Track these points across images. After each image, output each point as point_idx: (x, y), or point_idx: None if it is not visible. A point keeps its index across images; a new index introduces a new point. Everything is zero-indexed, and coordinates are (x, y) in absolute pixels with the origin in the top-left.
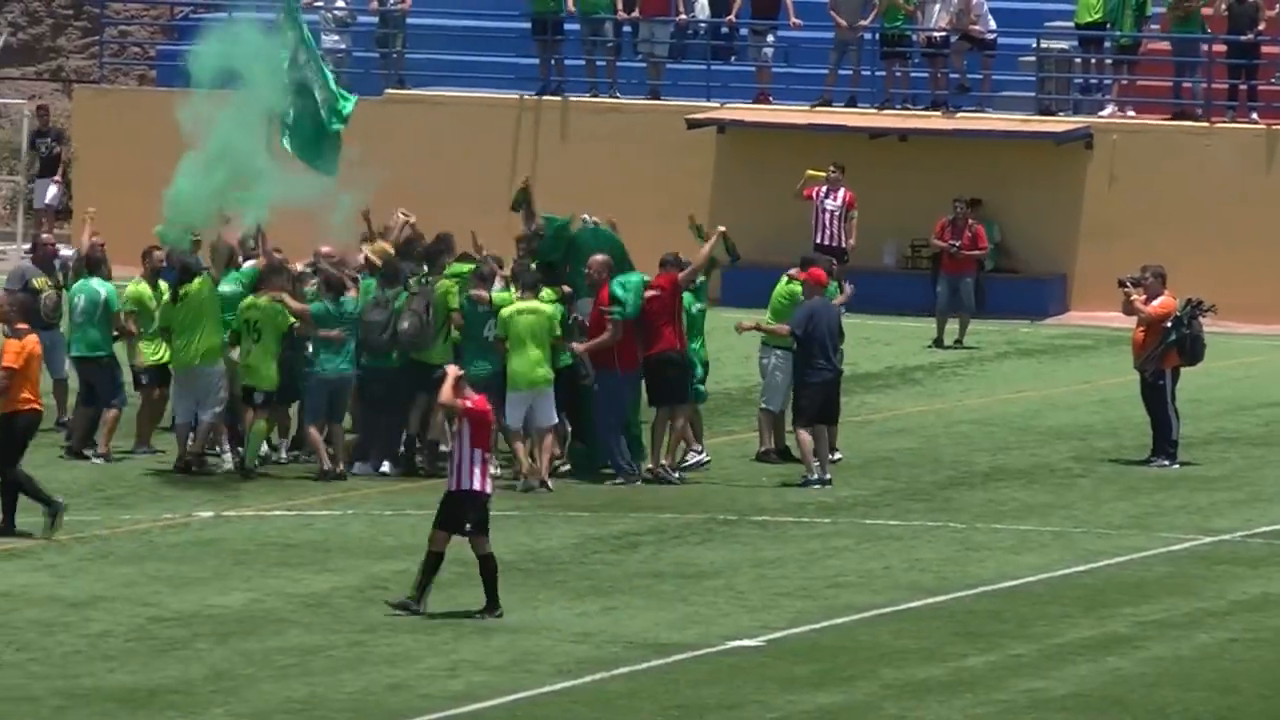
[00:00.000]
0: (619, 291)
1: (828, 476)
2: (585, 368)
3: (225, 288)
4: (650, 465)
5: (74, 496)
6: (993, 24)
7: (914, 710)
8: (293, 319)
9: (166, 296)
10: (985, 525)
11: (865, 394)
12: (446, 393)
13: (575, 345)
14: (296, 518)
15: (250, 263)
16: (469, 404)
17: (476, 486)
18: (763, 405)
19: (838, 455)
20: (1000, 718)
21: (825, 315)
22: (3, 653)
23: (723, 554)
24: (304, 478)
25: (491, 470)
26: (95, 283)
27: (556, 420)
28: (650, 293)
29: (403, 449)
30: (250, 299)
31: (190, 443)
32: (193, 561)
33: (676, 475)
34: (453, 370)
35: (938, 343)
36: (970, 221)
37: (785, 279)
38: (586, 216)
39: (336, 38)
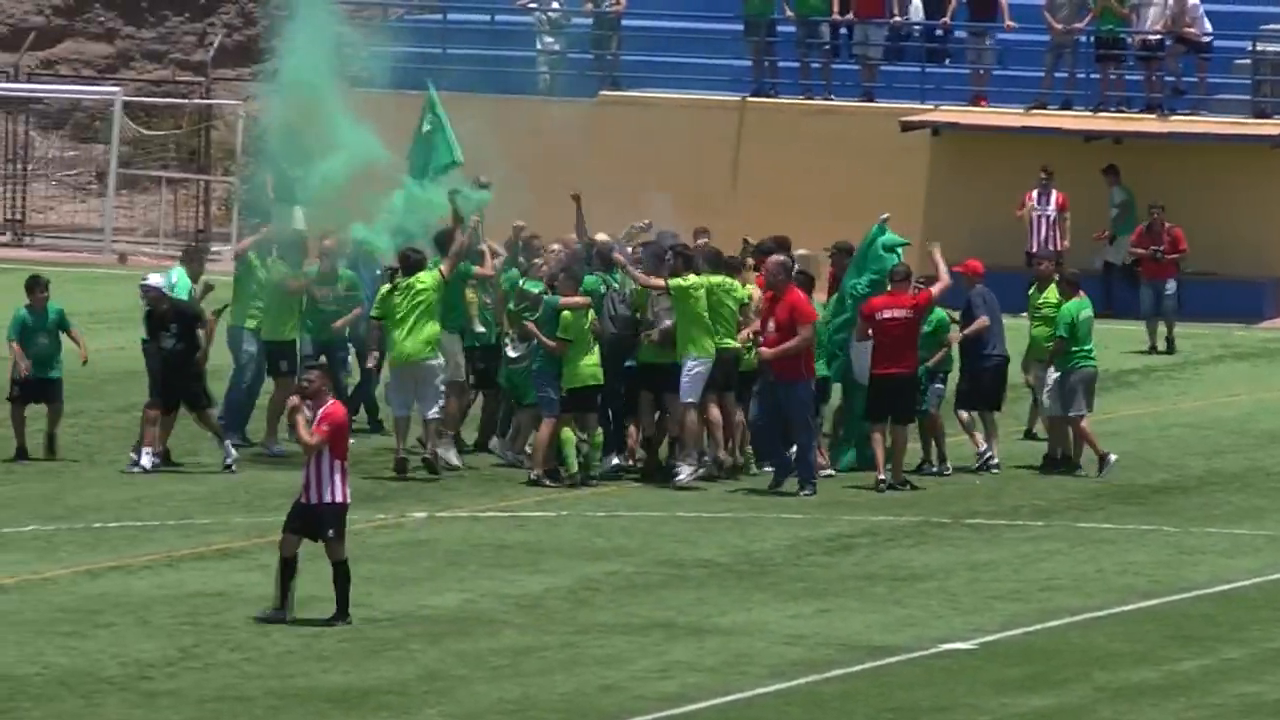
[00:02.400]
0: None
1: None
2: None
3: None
4: (881, 477)
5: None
6: (1208, 26)
7: (1127, 714)
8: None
9: (385, 287)
10: (1199, 529)
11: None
12: (301, 434)
13: (765, 350)
14: (509, 519)
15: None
16: (325, 429)
17: (339, 499)
18: None
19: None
20: None
21: (993, 300)
22: (217, 652)
23: (936, 557)
24: (515, 481)
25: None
26: None
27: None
28: (900, 313)
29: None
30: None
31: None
32: (406, 562)
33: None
34: (292, 402)
35: (1152, 349)
36: (1167, 225)
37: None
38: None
39: (550, 39)
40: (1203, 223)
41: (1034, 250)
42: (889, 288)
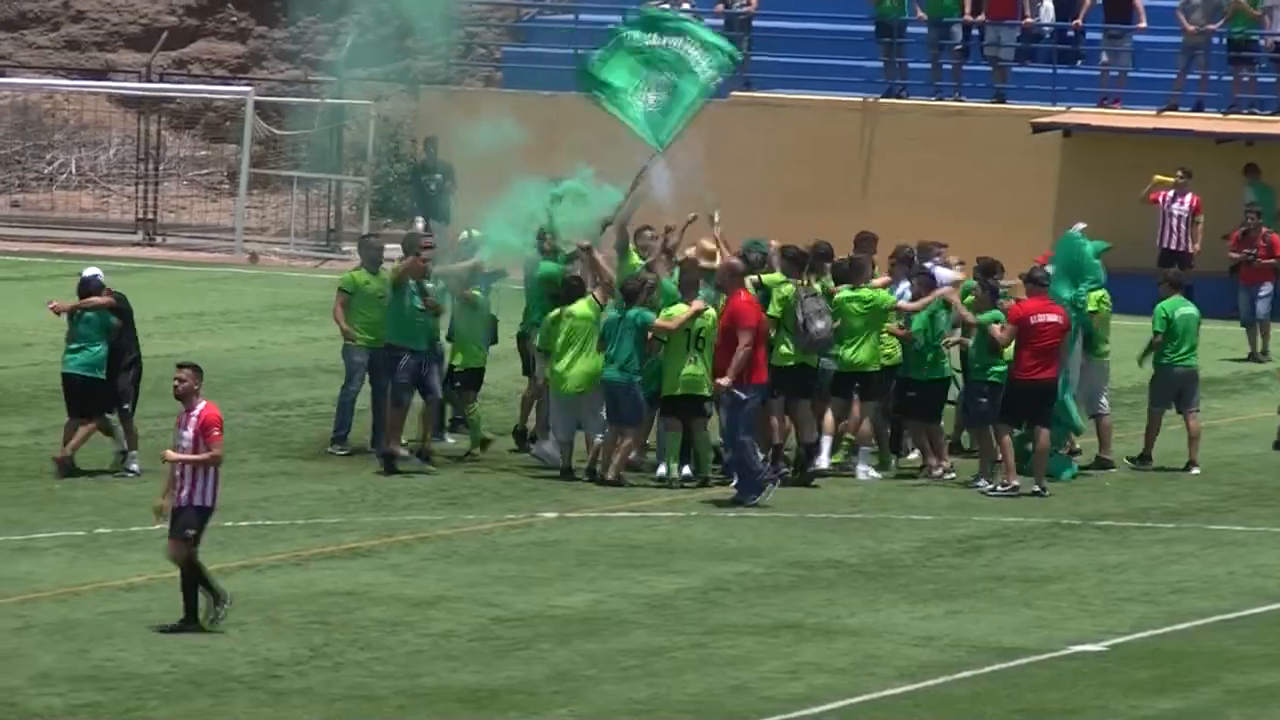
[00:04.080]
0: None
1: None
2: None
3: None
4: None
5: (418, 497)
6: None
7: (1259, 716)
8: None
9: (551, 315)
10: None
11: (1211, 399)
12: (196, 457)
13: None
14: (640, 519)
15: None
16: (218, 433)
17: (205, 502)
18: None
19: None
20: None
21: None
22: (346, 651)
23: (1065, 558)
24: (645, 481)
25: None
26: None
27: None
28: (1053, 318)
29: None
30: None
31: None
32: (535, 562)
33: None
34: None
35: (1251, 355)
36: (1265, 230)
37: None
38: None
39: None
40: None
41: (1170, 247)
42: (1029, 293)
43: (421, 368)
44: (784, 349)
